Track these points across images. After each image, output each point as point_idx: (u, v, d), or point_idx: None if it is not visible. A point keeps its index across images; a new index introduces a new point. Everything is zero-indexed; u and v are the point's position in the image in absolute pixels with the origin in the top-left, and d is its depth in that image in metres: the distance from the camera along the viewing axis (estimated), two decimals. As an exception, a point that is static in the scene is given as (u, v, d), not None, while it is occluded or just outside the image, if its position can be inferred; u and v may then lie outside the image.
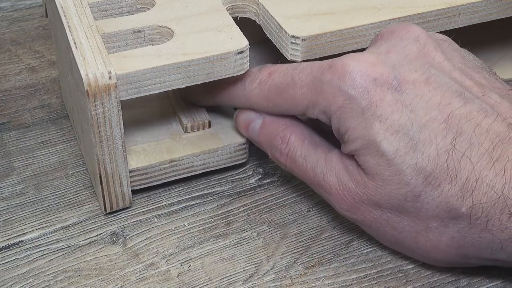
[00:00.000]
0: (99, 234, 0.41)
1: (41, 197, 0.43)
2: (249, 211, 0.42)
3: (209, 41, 0.39)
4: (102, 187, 0.40)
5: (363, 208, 0.37)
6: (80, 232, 0.41)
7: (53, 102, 0.50)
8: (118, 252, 0.40)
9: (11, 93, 0.51)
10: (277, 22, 0.41)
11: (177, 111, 0.45)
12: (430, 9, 0.42)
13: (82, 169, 0.45)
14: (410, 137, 0.35)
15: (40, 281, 0.38)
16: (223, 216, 0.42)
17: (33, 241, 0.40)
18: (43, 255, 0.39)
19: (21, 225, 0.41)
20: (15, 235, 0.40)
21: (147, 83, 0.38)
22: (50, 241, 0.40)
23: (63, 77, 0.46)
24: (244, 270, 0.39)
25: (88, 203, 0.42)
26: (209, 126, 0.44)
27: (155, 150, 0.42)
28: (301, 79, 0.38)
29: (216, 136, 0.43)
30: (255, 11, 0.43)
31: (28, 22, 0.59)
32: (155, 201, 0.43)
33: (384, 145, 0.35)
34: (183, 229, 0.41)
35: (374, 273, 0.38)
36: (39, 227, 0.41)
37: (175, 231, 0.41)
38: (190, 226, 0.41)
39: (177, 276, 0.38)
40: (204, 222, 0.41)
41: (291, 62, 0.40)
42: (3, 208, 0.42)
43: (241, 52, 0.39)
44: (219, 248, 0.40)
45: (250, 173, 0.45)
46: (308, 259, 0.39)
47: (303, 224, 0.41)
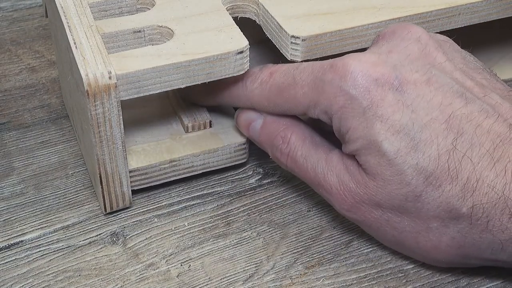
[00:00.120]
0: (99, 234, 0.41)
1: (41, 197, 0.43)
2: (249, 211, 0.42)
3: (209, 41, 0.39)
4: (102, 187, 0.40)
5: (364, 208, 0.37)
6: (80, 232, 0.41)
7: (53, 102, 0.50)
8: (118, 252, 0.40)
9: (11, 93, 0.51)
10: (277, 22, 0.41)
11: (178, 111, 0.45)
12: (430, 9, 0.42)
13: (82, 169, 0.45)
14: (411, 137, 0.35)
15: (40, 281, 0.38)
16: (223, 216, 0.42)
17: (33, 241, 0.40)
18: (43, 255, 0.39)
19: (21, 225, 0.41)
20: (15, 235, 0.40)
21: (147, 83, 0.38)
22: (50, 241, 0.40)
23: (63, 77, 0.46)
24: (244, 270, 0.39)
25: (88, 203, 0.42)
26: (210, 126, 0.44)
27: (155, 150, 0.42)
28: (302, 79, 0.38)
29: (216, 136, 0.43)
30: (255, 11, 0.43)
31: (28, 22, 0.59)
32: (155, 201, 0.43)
33: (385, 145, 0.35)
34: (183, 229, 0.41)
35: (374, 273, 0.38)
36: (39, 227, 0.41)
37: (175, 231, 0.41)
38: (190, 226, 0.41)
39: (177, 276, 0.38)
40: (204, 222, 0.41)
41: (292, 62, 0.40)
42: (3, 208, 0.42)
43: (241, 52, 0.39)
44: (219, 248, 0.40)
45: (250, 173, 0.45)
46: (308, 259, 0.39)
47: (303, 224, 0.41)
